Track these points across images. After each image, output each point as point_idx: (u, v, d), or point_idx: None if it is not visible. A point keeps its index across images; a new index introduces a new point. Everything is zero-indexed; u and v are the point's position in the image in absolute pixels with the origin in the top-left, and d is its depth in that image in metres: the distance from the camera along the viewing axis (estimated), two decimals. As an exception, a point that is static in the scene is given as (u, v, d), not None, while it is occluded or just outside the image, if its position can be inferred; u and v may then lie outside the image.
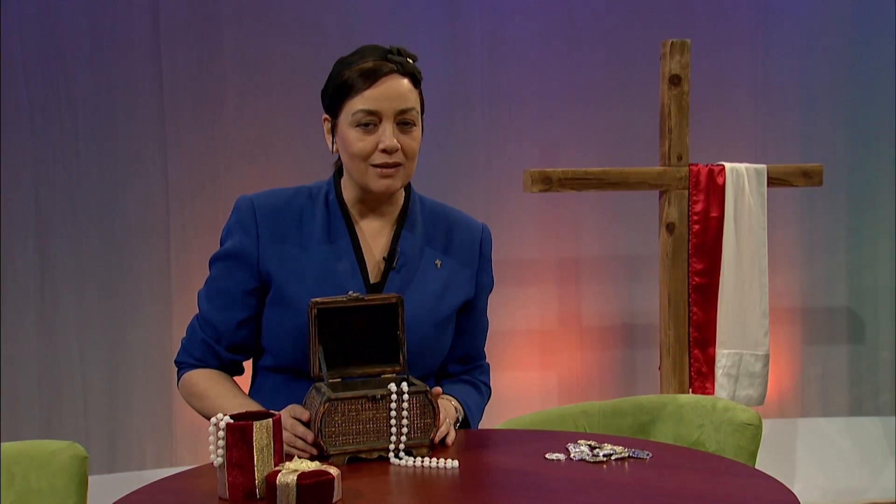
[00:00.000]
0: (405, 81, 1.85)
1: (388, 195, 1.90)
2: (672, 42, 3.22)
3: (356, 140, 1.84)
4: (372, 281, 1.90)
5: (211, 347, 1.94)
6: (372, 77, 1.82)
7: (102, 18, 3.47)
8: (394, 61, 1.84)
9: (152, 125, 3.53)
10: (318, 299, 1.73)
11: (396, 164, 1.84)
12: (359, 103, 1.83)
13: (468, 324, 2.03)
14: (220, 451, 1.51)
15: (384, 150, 1.83)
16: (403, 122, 1.84)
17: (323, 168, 2.03)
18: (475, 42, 3.75)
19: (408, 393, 1.70)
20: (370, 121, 1.83)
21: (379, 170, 1.84)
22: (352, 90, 1.83)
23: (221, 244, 1.94)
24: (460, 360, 2.06)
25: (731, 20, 3.88)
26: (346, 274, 1.88)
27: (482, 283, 2.03)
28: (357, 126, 1.83)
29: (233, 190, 3.56)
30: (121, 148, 3.51)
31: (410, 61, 1.87)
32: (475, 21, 3.74)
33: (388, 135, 1.82)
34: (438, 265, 1.95)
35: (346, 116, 1.85)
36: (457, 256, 1.98)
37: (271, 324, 1.89)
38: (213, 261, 1.94)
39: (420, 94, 1.89)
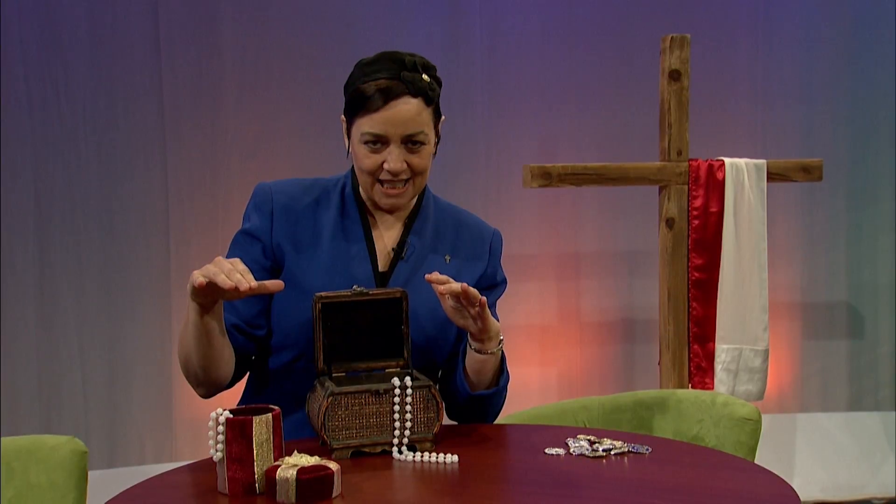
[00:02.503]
0: (415, 103, 1.84)
1: (393, 211, 1.94)
2: (672, 37, 3.21)
3: (364, 157, 1.87)
4: (381, 269, 1.92)
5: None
6: (382, 99, 1.83)
7: (102, 15, 3.46)
8: (406, 80, 1.83)
9: (152, 121, 3.53)
10: (322, 294, 1.75)
11: (403, 181, 1.88)
12: (367, 125, 1.85)
13: None
14: (220, 446, 1.51)
15: (389, 171, 1.86)
16: (411, 143, 1.86)
17: (321, 164, 2.04)
18: (475, 37, 3.74)
19: (411, 388, 1.70)
20: (377, 141, 1.85)
21: (385, 188, 1.88)
22: (362, 108, 1.85)
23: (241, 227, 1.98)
24: None
25: (731, 15, 3.88)
26: (356, 260, 1.91)
27: (489, 273, 2.02)
28: (365, 144, 1.86)
29: (232, 186, 3.57)
30: (120, 144, 3.51)
31: (426, 77, 1.86)
32: (475, 16, 3.74)
33: (393, 157, 1.85)
34: (448, 260, 1.97)
35: (356, 131, 1.87)
36: (466, 253, 2.00)
37: (280, 304, 1.90)
38: (232, 241, 1.97)
39: (435, 108, 1.89)
